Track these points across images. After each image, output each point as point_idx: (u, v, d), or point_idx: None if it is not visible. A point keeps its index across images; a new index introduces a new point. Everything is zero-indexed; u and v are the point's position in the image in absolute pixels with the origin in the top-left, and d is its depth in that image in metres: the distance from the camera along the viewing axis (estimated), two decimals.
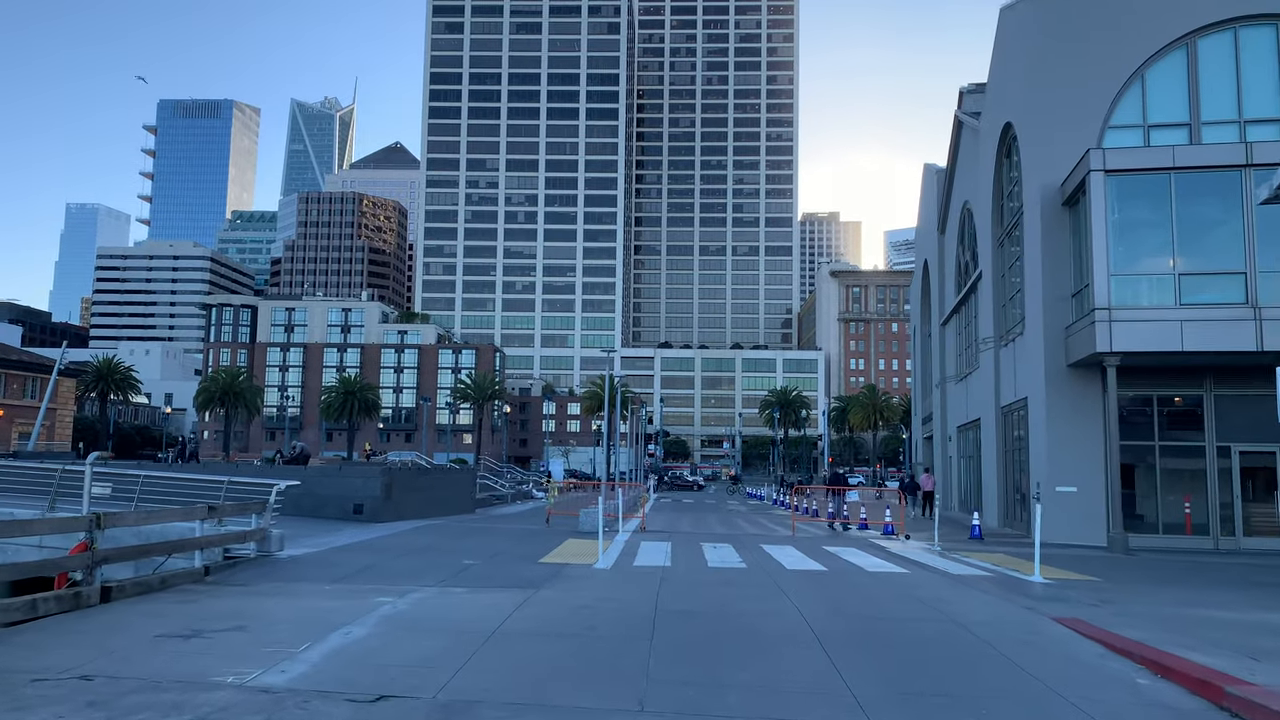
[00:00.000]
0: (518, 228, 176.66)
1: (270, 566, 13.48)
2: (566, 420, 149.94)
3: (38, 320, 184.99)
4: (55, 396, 69.44)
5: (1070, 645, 8.63)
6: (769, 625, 9.46)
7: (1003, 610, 10.66)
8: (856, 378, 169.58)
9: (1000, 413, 28.56)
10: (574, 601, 10.71)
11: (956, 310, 39.56)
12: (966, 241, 37.36)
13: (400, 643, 8.35)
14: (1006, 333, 27.61)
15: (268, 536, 14.19)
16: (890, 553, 17.95)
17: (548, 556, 15.89)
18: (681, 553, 16.99)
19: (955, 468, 40.16)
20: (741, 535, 22.53)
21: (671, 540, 19.84)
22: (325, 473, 23.07)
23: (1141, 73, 22.38)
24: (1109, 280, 19.66)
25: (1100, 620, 9.92)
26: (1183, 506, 21.72)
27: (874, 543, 20.66)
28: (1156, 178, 19.83)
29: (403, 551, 16.16)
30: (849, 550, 18.13)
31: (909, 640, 8.79)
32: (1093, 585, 13.50)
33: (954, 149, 39.44)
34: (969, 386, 36.20)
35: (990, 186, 29.52)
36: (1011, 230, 27.22)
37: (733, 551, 17.34)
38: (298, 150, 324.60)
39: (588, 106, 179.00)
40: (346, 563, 14.23)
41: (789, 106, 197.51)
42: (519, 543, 18.69)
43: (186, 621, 9.15)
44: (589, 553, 16.42)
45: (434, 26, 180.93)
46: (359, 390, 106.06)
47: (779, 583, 12.85)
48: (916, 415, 57.48)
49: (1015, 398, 26.16)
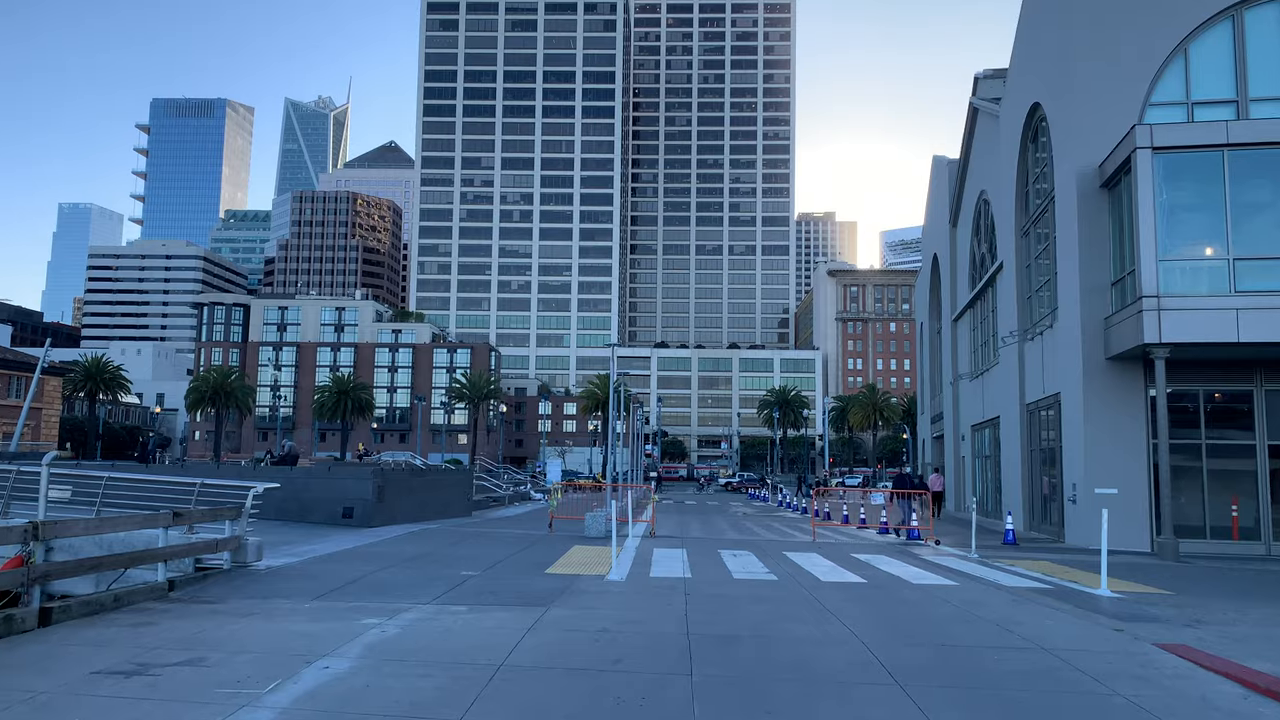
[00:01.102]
0: (513, 226, 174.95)
1: (245, 580, 11.97)
2: (563, 420, 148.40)
3: (29, 320, 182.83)
4: (40, 396, 67.89)
5: (1198, 683, 7.18)
6: (828, 656, 7.99)
7: (1091, 634, 9.21)
8: (854, 377, 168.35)
9: (1025, 410, 27.14)
10: (591, 624, 9.23)
11: (971, 305, 38.17)
12: (983, 233, 35.98)
13: (388, 682, 6.86)
14: (1033, 326, 26.19)
15: (243, 545, 12.67)
16: (927, 561, 16.50)
17: (554, 566, 14.40)
18: (700, 561, 15.52)
19: (969, 468, 38.76)
20: (759, 541, 21.05)
21: (686, 547, 18.36)
22: (313, 474, 21.52)
23: (1184, 47, 20.98)
24: (1157, 266, 18.24)
25: (1210, 645, 8.49)
26: (1229, 509, 20.31)
27: (904, 549, 19.20)
28: (1208, 155, 18.42)
29: (395, 561, 14.65)
30: (882, 559, 16.67)
31: (1003, 677, 7.33)
32: (1168, 600, 12.06)
33: (968, 138, 38.06)
34: (985, 384, 34.81)
35: (1013, 173, 28.11)
36: (1039, 218, 25.81)
37: (755, 560, 15.87)
38: (292, 149, 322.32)
39: (583, 105, 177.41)
40: (332, 574, 12.72)
41: (785, 105, 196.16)
42: (521, 550, 17.20)
43: (133, 652, 7.65)
44: (600, 562, 14.94)
45: (428, 24, 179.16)
46: (352, 390, 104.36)
47: (819, 598, 11.38)
48: (924, 414, 56.11)
49: (1044, 394, 24.75)
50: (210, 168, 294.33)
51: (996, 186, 31.60)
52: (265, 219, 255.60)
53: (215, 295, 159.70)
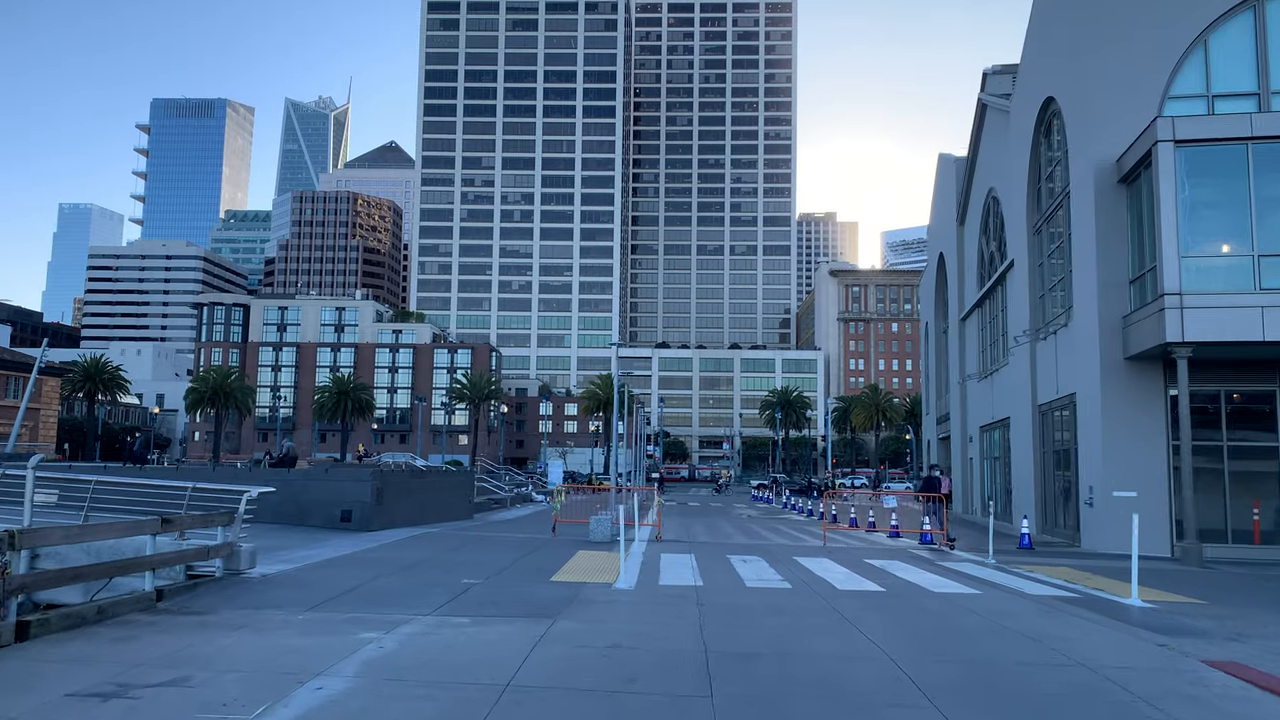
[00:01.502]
0: (514, 226, 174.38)
1: (237, 588, 11.47)
2: (564, 421, 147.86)
3: (29, 320, 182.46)
4: (38, 396, 67.42)
5: (1257, 705, 6.67)
6: (854, 673, 7.48)
7: (1132, 649, 8.69)
8: (856, 378, 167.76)
9: (1038, 411, 26.63)
10: (601, 638, 8.72)
11: (979, 304, 37.65)
12: (991, 231, 35.46)
13: (386, 704, 6.36)
14: (1046, 325, 25.68)
15: (236, 552, 12.17)
16: (944, 567, 15.99)
17: (560, 574, 13.88)
18: (709, 568, 15.00)
19: (977, 470, 38.26)
20: (769, 546, 20.53)
21: (694, 552, 17.85)
22: (311, 476, 21.00)
23: (1204, 38, 20.47)
24: (1179, 263, 17.73)
25: (1259, 662, 7.98)
26: (1250, 513, 19.80)
27: (917, 554, 18.68)
28: (1231, 149, 17.90)
29: (394, 568, 14.14)
30: (897, 564, 16.16)
31: (1046, 698, 6.82)
32: (1203, 610, 11.55)
33: (976, 135, 37.54)
34: (994, 384, 34.30)
35: (1024, 169, 27.59)
36: (1052, 214, 25.30)
37: (767, 566, 15.36)
38: (292, 150, 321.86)
39: (584, 104, 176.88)
40: (327, 583, 12.20)
41: (787, 105, 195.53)
42: (525, 555, 16.68)
43: (114, 670, 7.15)
44: (606, 568, 14.43)
45: (429, 23, 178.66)
46: (352, 390, 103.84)
47: (838, 608, 10.87)
48: (929, 415, 55.56)
49: (1058, 394, 24.23)
50: (210, 168, 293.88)
51: (1007, 183, 31.08)
52: (265, 219, 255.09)
53: (215, 295, 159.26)
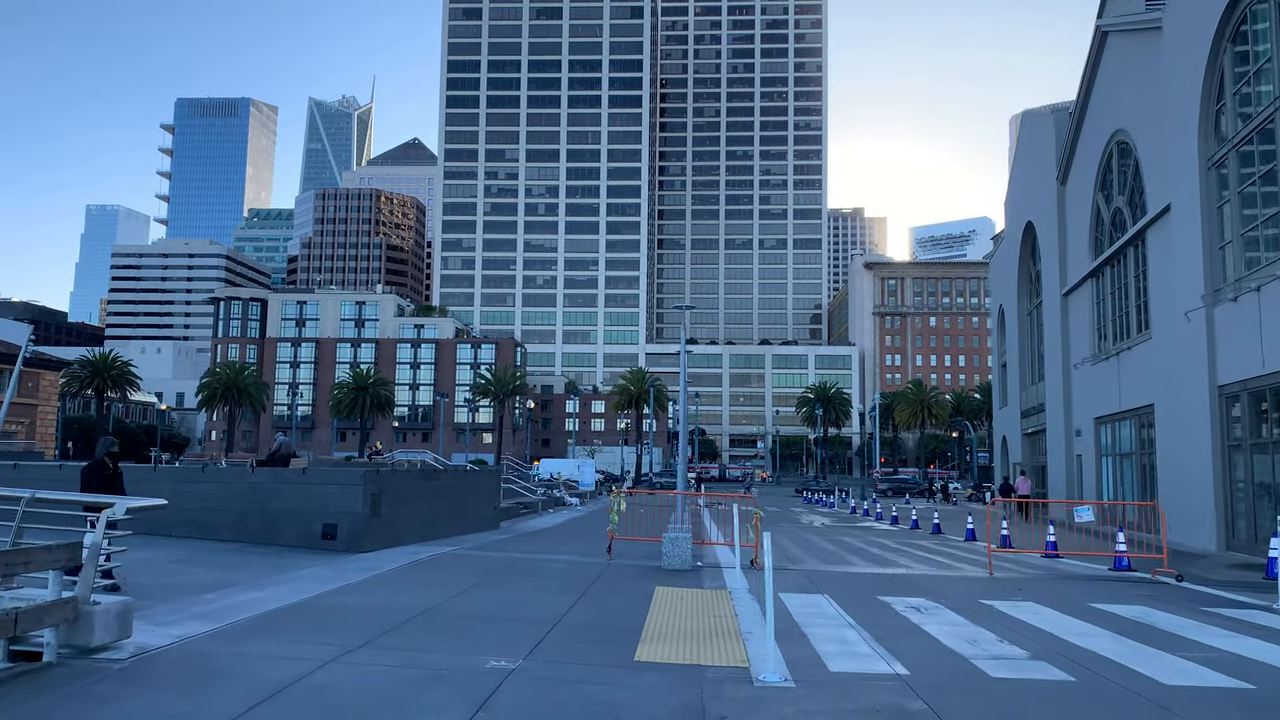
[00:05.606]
0: (538, 220, 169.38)
1: (64, 695, 6.12)
2: (590, 419, 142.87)
3: (53, 320, 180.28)
4: (38, 392, 63.35)
5: None
6: None
7: None
8: (893, 374, 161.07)
9: (1218, 393, 20.82)
10: None
11: (1093, 274, 31.79)
12: (1116, 185, 29.60)
13: None
14: (1238, 281, 19.86)
15: (83, 616, 6.83)
16: (1228, 618, 10.35)
17: (648, 640, 8.39)
18: (875, 624, 9.48)
19: (1090, 469, 32.36)
20: (914, 577, 14.87)
21: (822, 590, 12.31)
22: (282, 478, 15.67)
23: None
24: None
25: None
26: None
27: (1149, 593, 13.02)
28: None
29: (375, 631, 8.68)
30: (1142, 611, 10.51)
31: None
32: None
33: (1089, 74, 31.67)
34: (1123, 365, 28.45)
35: (1196, 90, 21.77)
36: (1249, 137, 19.48)
37: (968, 624, 9.79)
38: (315, 149, 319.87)
39: (610, 95, 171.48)
40: (244, 675, 6.77)
41: (817, 95, 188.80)
42: (580, 597, 11.24)
43: None
44: (716, 628, 8.95)
45: (451, 13, 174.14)
46: (370, 386, 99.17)
47: None
48: (1005, 408, 49.62)
49: (1265, 369, 18.45)
50: (234, 167, 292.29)
51: (1151, 117, 25.27)
52: (289, 217, 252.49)
53: (232, 290, 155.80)
